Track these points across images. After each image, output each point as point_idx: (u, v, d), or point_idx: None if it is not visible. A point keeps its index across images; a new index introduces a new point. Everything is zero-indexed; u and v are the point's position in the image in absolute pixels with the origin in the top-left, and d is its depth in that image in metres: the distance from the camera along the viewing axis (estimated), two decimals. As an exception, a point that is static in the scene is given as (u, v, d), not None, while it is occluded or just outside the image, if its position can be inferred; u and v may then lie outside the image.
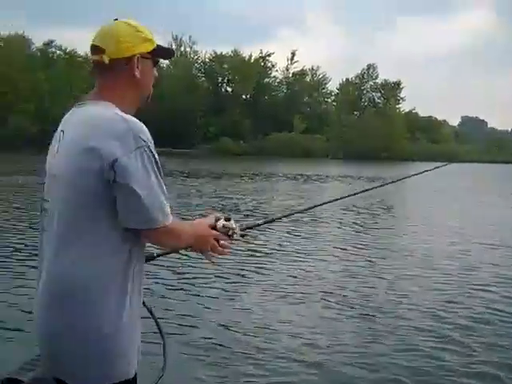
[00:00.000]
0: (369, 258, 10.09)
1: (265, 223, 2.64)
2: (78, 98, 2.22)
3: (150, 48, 2.14)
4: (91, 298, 1.96)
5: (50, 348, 2.05)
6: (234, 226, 2.27)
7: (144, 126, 2.01)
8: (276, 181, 29.51)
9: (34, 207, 13.55)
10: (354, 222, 14.80)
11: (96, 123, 1.96)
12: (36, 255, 2.17)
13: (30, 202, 15.13)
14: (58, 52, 74.80)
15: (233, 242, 2.29)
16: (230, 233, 2.26)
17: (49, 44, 77.28)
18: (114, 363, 2.00)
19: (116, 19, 2.15)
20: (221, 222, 2.25)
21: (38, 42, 76.83)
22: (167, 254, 2.46)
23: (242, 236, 2.37)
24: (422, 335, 5.93)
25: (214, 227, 2.24)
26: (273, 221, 2.81)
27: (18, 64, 63.83)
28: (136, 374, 2.09)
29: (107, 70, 2.08)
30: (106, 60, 2.05)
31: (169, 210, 2.02)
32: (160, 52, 2.21)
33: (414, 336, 5.91)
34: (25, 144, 51.33)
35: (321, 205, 3.09)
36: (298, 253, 10.44)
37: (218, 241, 2.22)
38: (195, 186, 23.46)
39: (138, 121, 2.01)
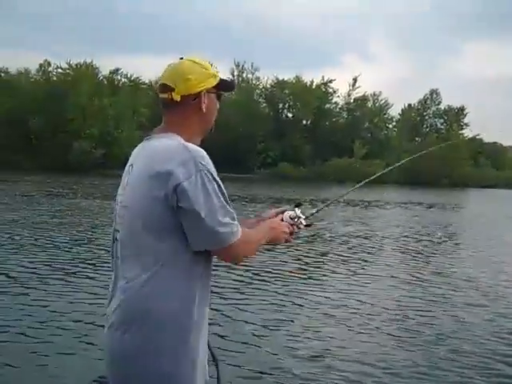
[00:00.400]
0: (427, 285, 10.07)
1: (325, 206, 2.93)
2: (146, 133, 2.35)
3: (214, 83, 2.28)
4: (164, 322, 2.06)
5: (119, 370, 2.13)
6: (300, 214, 2.53)
7: (205, 153, 2.15)
8: (336, 207, 29.41)
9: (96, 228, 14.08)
10: (415, 250, 14.70)
11: (160, 152, 2.11)
12: (103, 275, 2.37)
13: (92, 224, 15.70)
14: (123, 80, 77.12)
15: (300, 230, 2.55)
16: (297, 222, 2.51)
17: (115, 72, 79.92)
18: None
19: (182, 58, 2.30)
20: (287, 214, 2.51)
21: (104, 69, 79.60)
22: None
23: (308, 226, 2.57)
24: (476, 370, 5.87)
25: (281, 219, 2.50)
26: (331, 203, 3.20)
27: (86, 91, 66.11)
28: None
29: (176, 107, 2.23)
30: (178, 98, 2.21)
31: (236, 226, 2.13)
32: (223, 86, 2.36)
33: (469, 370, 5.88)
34: (88, 167, 53.26)
35: (373, 178, 3.48)
36: (354, 278, 10.51)
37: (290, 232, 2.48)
38: (254, 210, 23.64)
39: (198, 148, 2.15)
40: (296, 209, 2.55)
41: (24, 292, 8.19)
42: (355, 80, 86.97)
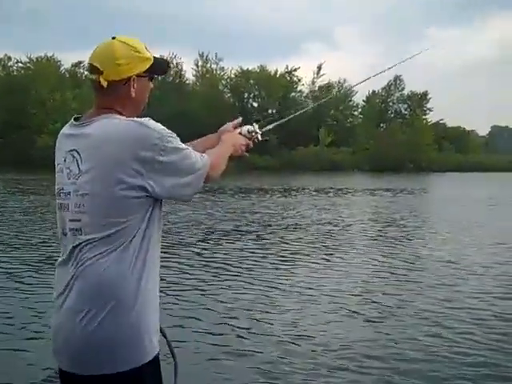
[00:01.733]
0: (400, 268, 10.18)
1: (280, 122, 3.22)
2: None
3: (146, 66, 2.21)
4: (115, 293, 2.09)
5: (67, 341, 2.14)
6: (257, 129, 2.79)
7: (153, 121, 2.14)
8: (304, 195, 29.54)
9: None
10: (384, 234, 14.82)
11: (116, 133, 2.07)
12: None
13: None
14: (86, 73, 76.18)
15: (256, 142, 2.82)
16: (254, 136, 2.79)
17: (77, 65, 78.82)
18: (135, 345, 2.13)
19: (114, 37, 2.18)
20: (245, 128, 2.78)
21: (66, 63, 78.51)
22: None
23: (264, 140, 2.89)
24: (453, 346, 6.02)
25: (239, 133, 2.75)
26: (287, 119, 3.42)
27: (48, 85, 65.07)
28: (158, 354, 2.23)
29: (105, 91, 2.17)
30: (105, 83, 2.14)
31: (205, 161, 2.29)
32: (156, 68, 2.29)
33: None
34: (53, 162, 52.01)
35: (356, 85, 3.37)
36: (328, 263, 10.72)
37: (246, 145, 2.74)
38: (222, 201, 23.68)
39: (148, 118, 2.14)
40: (254, 124, 2.81)
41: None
42: (319, 68, 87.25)
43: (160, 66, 2.35)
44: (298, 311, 7.41)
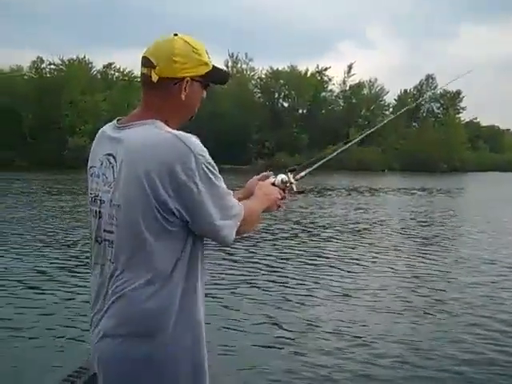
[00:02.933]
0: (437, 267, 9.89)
1: (315, 166, 2.76)
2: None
3: (203, 71, 2.04)
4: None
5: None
6: (292, 179, 2.45)
7: (199, 142, 1.96)
8: (336, 194, 29.22)
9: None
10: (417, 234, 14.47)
11: (151, 146, 1.89)
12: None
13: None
14: (116, 74, 76.82)
15: (292, 196, 2.50)
16: (288, 187, 2.44)
17: (108, 66, 79.59)
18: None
19: (176, 34, 2.03)
20: (279, 178, 2.43)
21: (97, 64, 79.32)
22: None
23: (300, 193, 2.54)
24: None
25: (273, 183, 2.42)
26: (319, 161, 2.86)
27: (80, 87, 65.80)
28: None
29: (154, 87, 2.00)
30: (155, 78, 1.98)
31: (239, 213, 2.02)
32: (214, 77, 2.11)
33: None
34: (83, 163, 52.45)
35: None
36: (365, 262, 10.57)
37: (282, 198, 2.41)
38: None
39: (192, 137, 1.95)
40: (289, 173, 2.48)
41: (23, 288, 8.13)
42: (350, 67, 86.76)
43: (219, 75, 2.15)
44: (337, 308, 7.29)
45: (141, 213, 1.89)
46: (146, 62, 2.00)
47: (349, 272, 9.74)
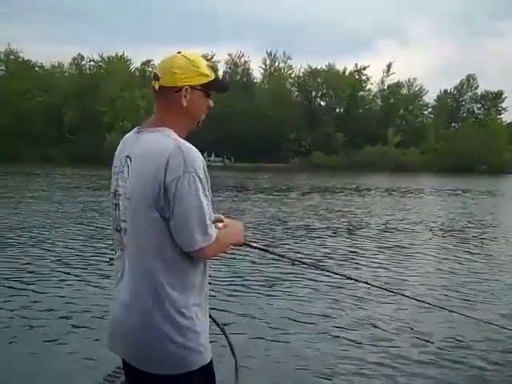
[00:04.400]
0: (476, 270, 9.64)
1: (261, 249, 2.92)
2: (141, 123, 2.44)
3: (202, 81, 2.34)
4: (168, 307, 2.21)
5: (138, 344, 2.26)
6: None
7: (197, 154, 2.21)
8: (373, 195, 28.94)
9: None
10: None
11: (154, 150, 2.20)
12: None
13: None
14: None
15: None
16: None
17: (147, 63, 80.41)
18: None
19: (179, 52, 2.37)
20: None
21: (136, 61, 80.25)
22: None
23: (257, 248, 2.79)
24: None
25: None
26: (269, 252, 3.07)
27: (118, 84, 66.65)
28: (211, 361, 2.32)
29: (160, 96, 2.34)
30: (157, 86, 2.32)
31: (211, 232, 2.21)
32: (214, 86, 2.40)
33: None
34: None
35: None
36: (404, 264, 10.31)
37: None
38: (289, 202, 23.52)
39: (192, 148, 2.21)
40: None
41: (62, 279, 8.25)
42: (389, 66, 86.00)
43: (218, 85, 2.48)
44: (374, 309, 7.12)
45: (142, 205, 2.19)
46: (154, 76, 2.35)
47: (388, 270, 9.76)
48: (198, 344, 2.25)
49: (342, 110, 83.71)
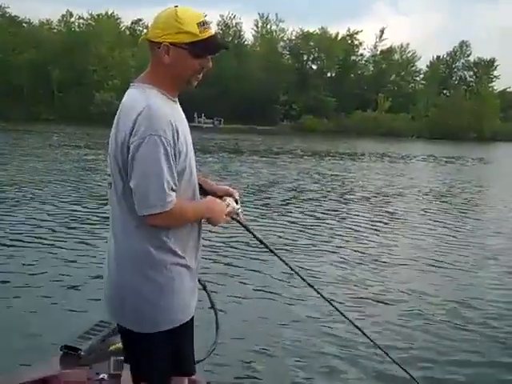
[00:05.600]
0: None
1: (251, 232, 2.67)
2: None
3: (184, 40, 2.20)
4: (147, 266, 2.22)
5: (115, 298, 2.30)
6: (240, 209, 2.52)
7: (164, 114, 2.14)
8: (362, 160, 28.91)
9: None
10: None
11: (127, 108, 2.19)
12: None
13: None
14: (145, 30, 76.54)
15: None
16: (236, 212, 2.50)
17: (137, 22, 79.11)
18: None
19: (176, 6, 2.25)
20: (237, 206, 2.50)
21: (126, 20, 78.97)
22: None
23: (242, 225, 2.58)
24: None
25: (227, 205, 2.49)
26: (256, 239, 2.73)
27: (108, 42, 65.63)
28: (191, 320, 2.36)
29: (150, 51, 2.27)
30: (142, 40, 2.30)
31: (168, 198, 2.13)
32: (199, 47, 2.22)
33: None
34: (110, 118, 52.54)
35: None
36: (387, 229, 10.35)
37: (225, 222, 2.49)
38: (282, 164, 23.41)
39: (159, 108, 2.15)
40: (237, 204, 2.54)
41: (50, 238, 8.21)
42: (382, 32, 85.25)
43: (205, 46, 2.25)
44: (364, 275, 7.14)
45: (116, 163, 2.18)
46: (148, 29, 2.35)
47: (374, 235, 9.83)
48: (171, 304, 2.24)
49: (333, 75, 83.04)
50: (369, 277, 7.10)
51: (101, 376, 3.06)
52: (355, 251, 8.45)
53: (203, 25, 2.22)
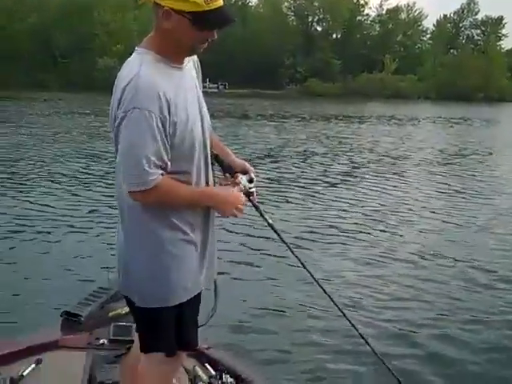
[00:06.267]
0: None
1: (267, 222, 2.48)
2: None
3: (185, 8, 2.00)
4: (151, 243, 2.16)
5: (123, 272, 2.27)
6: (254, 189, 2.34)
7: (151, 87, 2.00)
8: (370, 123, 28.70)
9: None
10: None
11: (120, 78, 2.08)
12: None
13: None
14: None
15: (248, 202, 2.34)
16: (250, 193, 2.34)
17: (139, -15, 77.98)
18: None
19: None
20: (245, 182, 2.32)
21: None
22: None
23: (254, 206, 2.39)
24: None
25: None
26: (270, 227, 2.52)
27: (110, 6, 64.74)
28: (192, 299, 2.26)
29: (153, 13, 2.10)
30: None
31: (150, 175, 2.01)
32: (202, 18, 2.02)
33: None
34: (113, 84, 51.96)
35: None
36: (393, 190, 10.45)
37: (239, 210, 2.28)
38: (289, 129, 23.29)
39: (149, 79, 2.01)
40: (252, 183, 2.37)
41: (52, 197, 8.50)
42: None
43: (210, 19, 2.05)
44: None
45: (112, 132, 2.09)
46: None
47: (383, 197, 9.93)
48: (177, 281, 2.18)
49: (339, 36, 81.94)
50: (377, 236, 7.21)
51: (101, 341, 3.15)
52: (364, 214, 8.48)
53: None
